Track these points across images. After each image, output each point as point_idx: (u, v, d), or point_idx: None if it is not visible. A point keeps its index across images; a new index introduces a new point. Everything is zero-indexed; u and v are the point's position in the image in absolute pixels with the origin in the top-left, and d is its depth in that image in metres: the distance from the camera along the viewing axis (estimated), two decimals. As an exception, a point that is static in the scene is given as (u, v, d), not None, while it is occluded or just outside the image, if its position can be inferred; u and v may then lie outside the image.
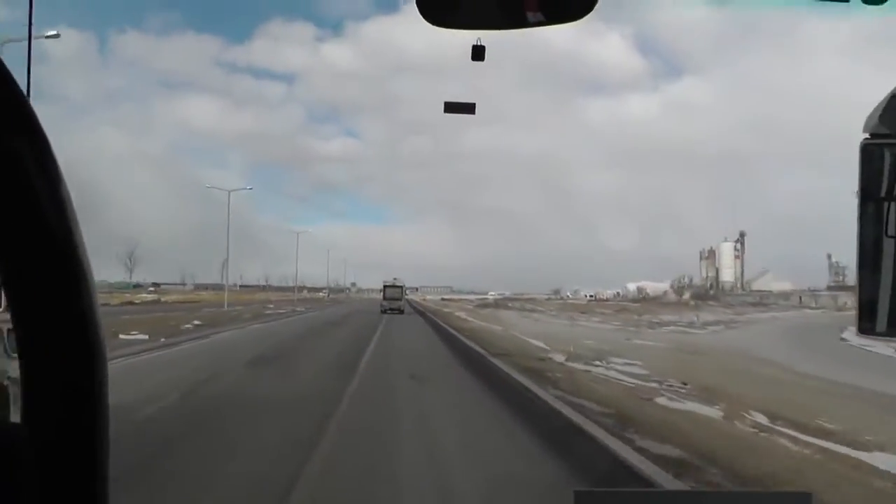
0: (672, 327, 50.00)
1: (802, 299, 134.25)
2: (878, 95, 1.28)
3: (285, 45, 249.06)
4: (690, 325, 53.36)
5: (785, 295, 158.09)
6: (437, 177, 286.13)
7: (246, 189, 54.29)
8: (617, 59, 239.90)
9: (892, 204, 1.32)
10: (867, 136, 1.33)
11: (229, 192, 48.81)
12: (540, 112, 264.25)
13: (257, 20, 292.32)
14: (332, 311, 60.95)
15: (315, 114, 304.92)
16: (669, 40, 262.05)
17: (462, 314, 57.77)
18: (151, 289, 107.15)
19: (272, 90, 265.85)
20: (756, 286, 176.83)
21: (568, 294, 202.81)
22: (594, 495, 1.82)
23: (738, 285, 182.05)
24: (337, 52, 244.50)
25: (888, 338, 1.39)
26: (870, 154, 1.32)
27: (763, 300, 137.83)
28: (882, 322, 1.33)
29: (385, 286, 67.50)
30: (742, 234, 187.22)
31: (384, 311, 58.71)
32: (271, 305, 65.83)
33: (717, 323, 56.65)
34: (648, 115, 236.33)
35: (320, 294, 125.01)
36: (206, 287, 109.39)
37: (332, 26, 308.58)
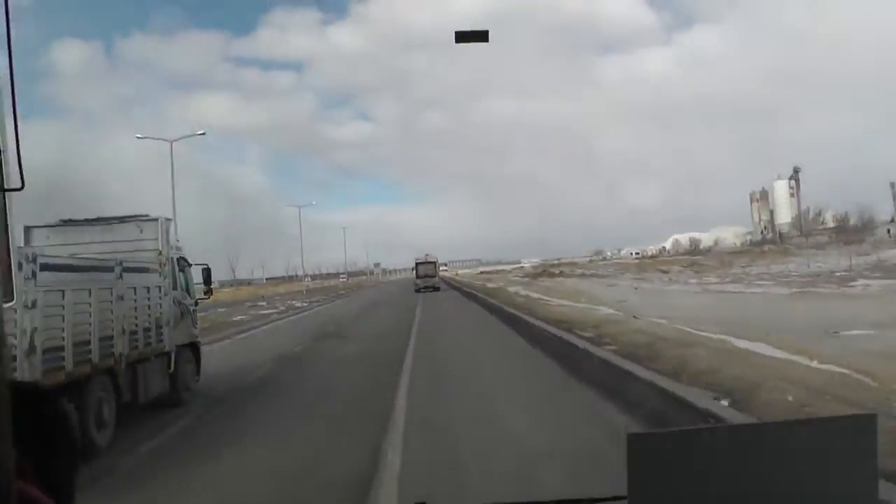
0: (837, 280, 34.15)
1: (892, 232, 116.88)
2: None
3: (291, 32, 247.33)
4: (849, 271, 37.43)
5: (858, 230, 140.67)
6: (456, 151, 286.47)
7: (198, 134, 45.93)
8: (628, 15, 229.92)
9: None
10: None
11: (171, 142, 37.28)
12: (556, 77, 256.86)
13: (260, 10, 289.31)
14: (337, 310, 41.16)
15: (327, 100, 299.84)
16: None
17: (517, 289, 42.56)
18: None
19: (282, 80, 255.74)
20: (814, 226, 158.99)
21: (608, 254, 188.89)
22: (646, 436, 1.90)
23: (798, 226, 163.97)
24: (343, 35, 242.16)
25: None
26: None
27: (841, 237, 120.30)
28: None
29: (417, 263, 64.27)
30: (796, 170, 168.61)
31: (418, 290, 56.28)
32: (262, 303, 51.43)
33: (877, 268, 40.69)
34: (666, 70, 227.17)
35: (340, 279, 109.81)
36: (229, 284, 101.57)
37: (336, 9, 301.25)
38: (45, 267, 8.25)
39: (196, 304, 13.34)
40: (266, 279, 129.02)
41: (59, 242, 10.92)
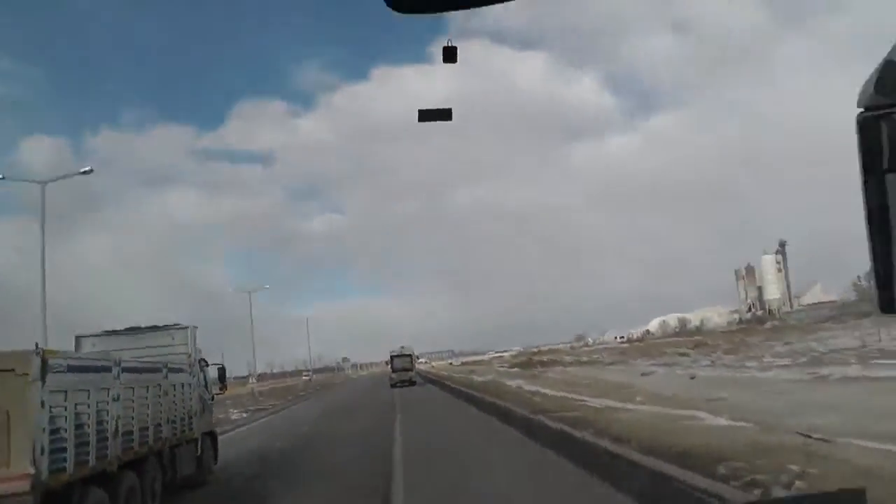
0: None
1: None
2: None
3: (258, 124, 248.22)
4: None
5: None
6: (428, 240, 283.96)
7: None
8: (592, 102, 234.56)
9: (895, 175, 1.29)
10: (861, 110, 1.29)
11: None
12: (526, 163, 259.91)
13: (228, 103, 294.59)
14: (283, 423, 29.77)
15: (295, 192, 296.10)
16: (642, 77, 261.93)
17: (517, 382, 33.62)
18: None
19: (249, 173, 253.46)
20: (806, 301, 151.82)
21: (591, 340, 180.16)
22: None
23: (786, 302, 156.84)
24: (310, 126, 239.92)
25: None
26: (867, 128, 1.28)
27: (844, 313, 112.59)
28: None
29: (392, 356, 60.69)
30: (783, 244, 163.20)
31: (394, 385, 53.82)
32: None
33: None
34: (634, 155, 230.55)
35: (303, 377, 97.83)
36: None
37: (303, 100, 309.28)
38: (125, 369, 9.94)
39: (212, 398, 15.47)
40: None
41: (102, 348, 12.36)
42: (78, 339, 13.12)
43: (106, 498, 8.81)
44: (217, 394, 16.30)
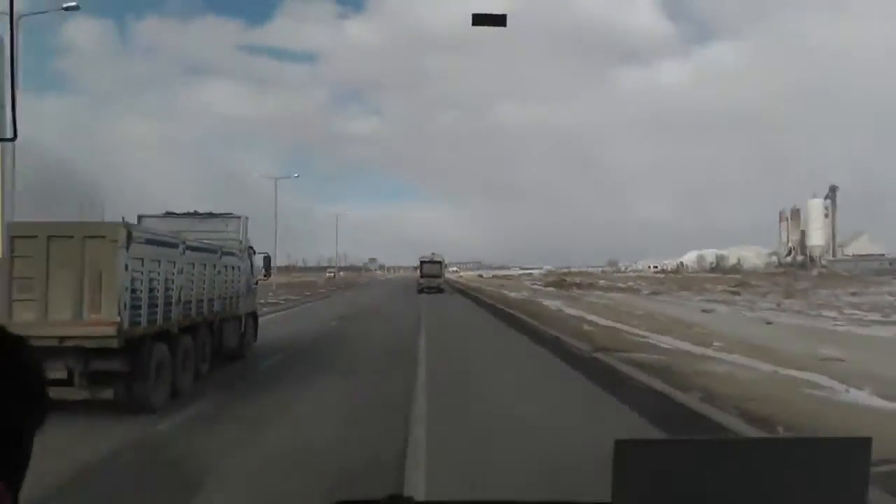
0: None
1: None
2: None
3: (306, 24, 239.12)
4: None
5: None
6: (467, 152, 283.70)
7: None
8: (648, 24, 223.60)
9: None
10: None
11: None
12: (573, 84, 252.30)
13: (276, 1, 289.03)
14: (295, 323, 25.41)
15: (340, 94, 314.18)
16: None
17: (555, 304, 31.35)
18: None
19: (296, 72, 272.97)
20: (850, 251, 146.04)
21: (622, 267, 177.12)
22: (634, 444, 1.72)
23: (829, 250, 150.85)
24: (359, 29, 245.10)
25: None
26: None
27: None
28: None
29: (422, 262, 60.20)
30: (833, 189, 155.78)
31: (421, 291, 54.04)
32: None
33: None
34: (685, 82, 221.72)
35: (327, 274, 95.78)
36: None
37: (353, 3, 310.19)
38: (190, 247, 11.49)
39: (256, 283, 16.91)
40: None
41: (164, 229, 12.64)
42: (140, 217, 14.05)
43: (168, 353, 10.25)
44: (261, 279, 18.10)
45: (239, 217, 15.62)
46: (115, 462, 7.21)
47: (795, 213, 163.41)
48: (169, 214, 14.95)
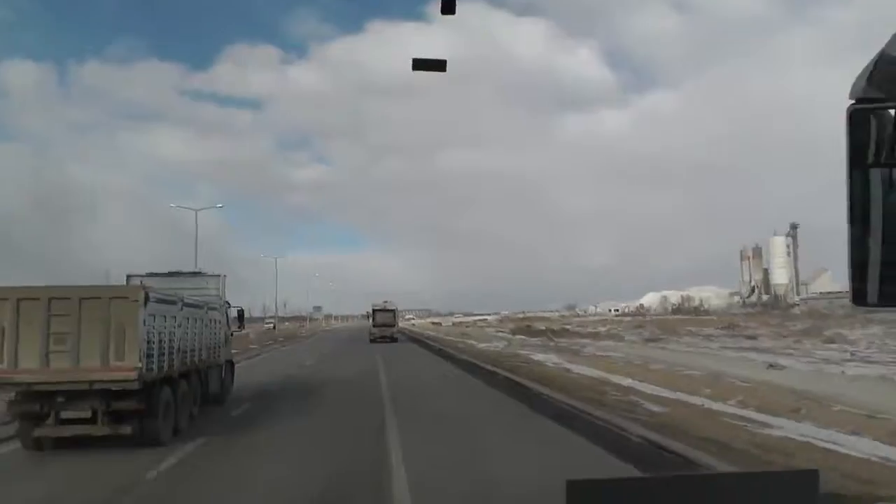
0: None
1: None
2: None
3: (250, 69, 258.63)
4: None
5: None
6: (413, 199, 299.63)
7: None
8: (588, 74, 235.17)
9: (881, 171, 1.31)
10: (853, 101, 1.33)
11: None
12: (518, 130, 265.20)
13: (220, 44, 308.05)
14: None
15: (285, 140, 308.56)
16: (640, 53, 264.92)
17: (553, 360, 28.94)
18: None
19: (239, 117, 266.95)
20: (814, 289, 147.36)
21: (581, 310, 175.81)
22: (587, 484, 1.78)
23: (793, 287, 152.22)
24: (303, 75, 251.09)
25: (881, 308, 1.36)
26: (857, 120, 1.33)
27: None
28: (874, 293, 1.31)
29: (374, 310, 59.60)
30: (794, 227, 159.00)
31: (374, 340, 54.08)
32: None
33: None
34: (625, 130, 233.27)
35: (265, 325, 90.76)
36: None
37: (297, 49, 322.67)
38: (186, 304, 13.65)
39: (232, 334, 19.16)
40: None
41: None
42: (128, 277, 16.98)
43: (171, 395, 12.32)
44: (235, 331, 19.97)
45: (218, 275, 18.84)
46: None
47: (757, 252, 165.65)
48: (152, 274, 17.25)
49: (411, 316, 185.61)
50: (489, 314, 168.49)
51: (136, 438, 11.12)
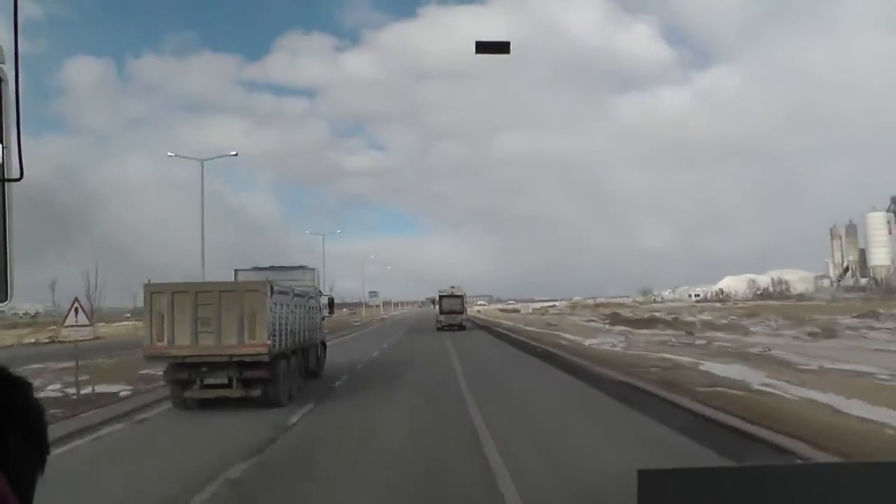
0: None
1: None
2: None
3: (303, 57, 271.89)
4: None
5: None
6: (471, 184, 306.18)
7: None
8: (645, 52, 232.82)
9: None
10: None
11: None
12: (573, 113, 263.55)
13: (273, 34, 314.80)
14: None
15: (339, 127, 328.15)
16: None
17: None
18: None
19: (294, 106, 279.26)
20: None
21: (658, 295, 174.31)
22: (660, 473, 1.85)
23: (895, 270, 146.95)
24: (357, 62, 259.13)
25: None
26: None
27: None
28: None
29: (441, 296, 59.55)
30: (895, 200, 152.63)
31: (441, 328, 54.74)
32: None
33: None
34: (678, 108, 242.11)
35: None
36: None
37: (350, 36, 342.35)
38: (295, 294, 18.28)
39: (324, 318, 23.76)
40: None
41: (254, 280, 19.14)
42: (235, 272, 21.27)
43: (287, 367, 16.52)
44: (327, 316, 24.78)
45: (313, 269, 23.93)
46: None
47: (851, 230, 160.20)
48: (257, 269, 21.72)
49: (483, 302, 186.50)
50: (555, 300, 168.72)
51: (262, 401, 15.22)
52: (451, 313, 56.70)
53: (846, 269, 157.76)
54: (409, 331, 59.10)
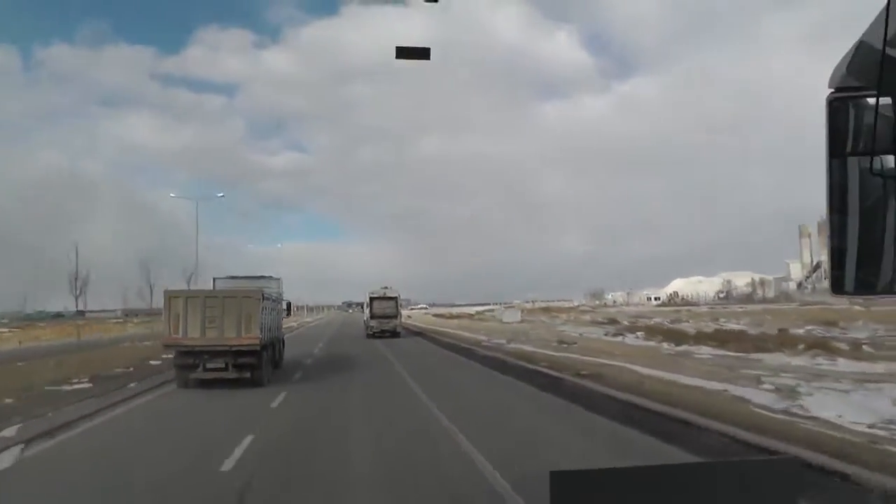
0: None
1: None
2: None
3: (223, 53, 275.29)
4: None
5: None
6: (394, 187, 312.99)
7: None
8: (568, 58, 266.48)
9: (860, 160, 1.52)
10: (832, 90, 1.54)
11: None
12: (500, 117, 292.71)
13: (190, 28, 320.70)
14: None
15: (259, 127, 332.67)
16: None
17: None
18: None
19: (212, 103, 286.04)
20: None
21: (609, 299, 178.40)
22: (571, 474, 2.05)
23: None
24: (277, 59, 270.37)
25: (858, 295, 1.58)
26: (836, 109, 1.53)
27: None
28: (851, 281, 1.55)
29: (372, 298, 58.75)
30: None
31: (371, 335, 55.05)
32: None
33: None
34: (601, 115, 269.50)
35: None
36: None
37: (271, 32, 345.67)
38: (272, 299, 27.80)
39: (283, 319, 33.34)
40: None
41: (231, 286, 28.61)
42: (214, 279, 31.90)
43: (267, 356, 24.64)
44: (286, 318, 35.08)
45: (279, 278, 33.07)
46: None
47: (823, 228, 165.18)
48: (233, 277, 31.12)
49: (424, 306, 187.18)
50: (488, 304, 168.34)
51: (251, 381, 22.98)
52: (383, 318, 56.72)
53: (815, 267, 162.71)
54: (331, 341, 54.66)
